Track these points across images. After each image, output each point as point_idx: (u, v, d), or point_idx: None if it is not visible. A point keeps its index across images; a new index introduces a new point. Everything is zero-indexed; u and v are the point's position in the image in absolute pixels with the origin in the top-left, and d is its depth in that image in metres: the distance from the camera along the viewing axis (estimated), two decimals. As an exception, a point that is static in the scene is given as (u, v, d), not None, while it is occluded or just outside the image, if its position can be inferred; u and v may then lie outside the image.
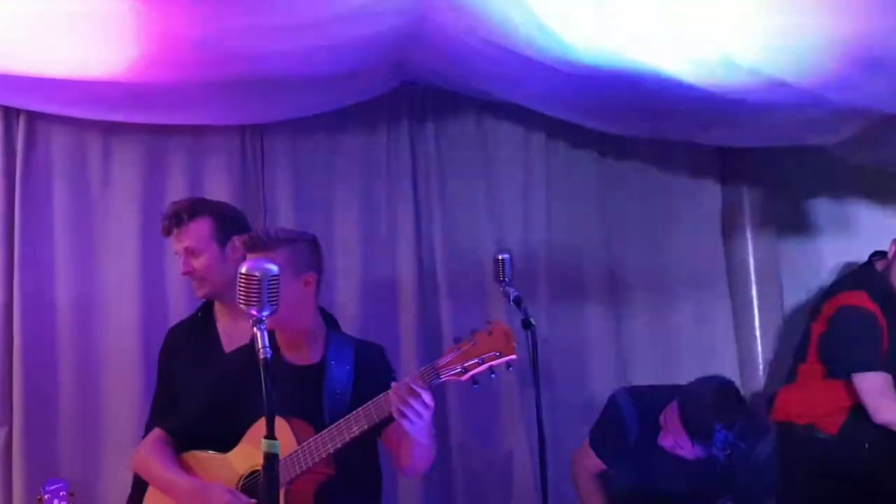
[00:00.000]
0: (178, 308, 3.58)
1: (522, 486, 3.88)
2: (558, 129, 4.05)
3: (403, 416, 2.31)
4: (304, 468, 2.47)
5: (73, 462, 3.53)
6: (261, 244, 2.57)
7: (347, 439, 2.45)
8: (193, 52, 2.81)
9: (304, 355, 2.68)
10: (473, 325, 3.82)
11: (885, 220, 4.02)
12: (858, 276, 3.36)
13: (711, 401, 2.84)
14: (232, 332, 2.97)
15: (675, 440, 2.88)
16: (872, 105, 3.21)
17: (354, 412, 2.45)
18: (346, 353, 2.65)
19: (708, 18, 2.69)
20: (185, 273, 2.97)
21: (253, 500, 2.48)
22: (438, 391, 3.76)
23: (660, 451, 2.99)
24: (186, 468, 2.65)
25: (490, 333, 2.32)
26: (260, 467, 2.34)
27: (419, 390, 2.30)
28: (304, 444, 2.48)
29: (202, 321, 3.07)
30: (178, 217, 2.96)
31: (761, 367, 4.24)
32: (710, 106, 3.32)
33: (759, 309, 4.30)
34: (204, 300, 3.08)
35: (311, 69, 3.12)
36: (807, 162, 4.09)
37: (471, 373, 2.32)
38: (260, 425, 2.40)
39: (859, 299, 3.22)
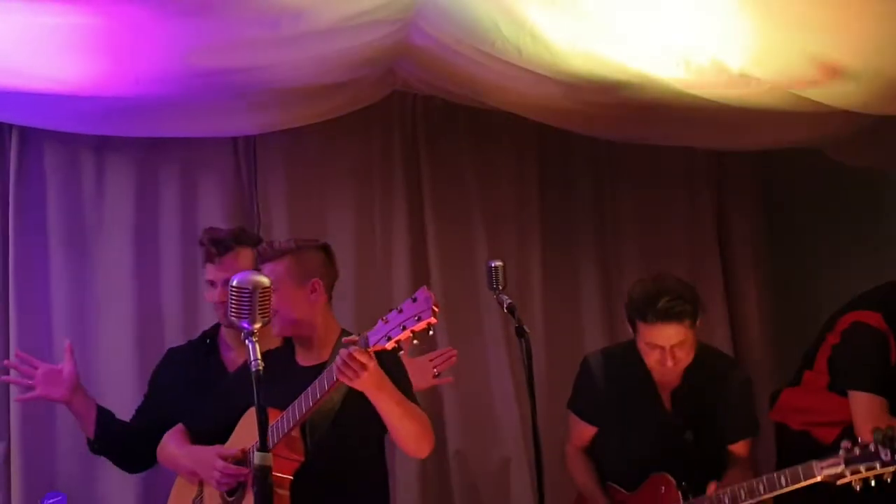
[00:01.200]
0: (174, 321, 3.60)
1: (520, 495, 3.87)
2: (551, 137, 4.05)
3: (342, 373, 2.39)
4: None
5: (71, 475, 3.52)
6: (268, 255, 2.69)
7: (305, 413, 2.50)
8: (181, 66, 2.82)
9: (313, 357, 2.73)
10: (467, 332, 3.88)
11: (879, 223, 4.02)
12: (881, 296, 3.35)
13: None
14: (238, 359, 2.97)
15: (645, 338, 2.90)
16: (861, 109, 3.22)
17: (310, 386, 2.50)
18: None
19: (697, 24, 2.70)
20: (219, 302, 2.95)
21: (237, 451, 2.64)
22: (436, 399, 3.81)
23: (633, 398, 3.02)
24: None
25: (414, 300, 2.32)
26: (243, 452, 2.63)
27: (353, 351, 2.37)
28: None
29: (208, 348, 3.11)
30: (225, 245, 2.97)
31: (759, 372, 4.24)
32: (702, 110, 3.33)
33: (757, 313, 4.32)
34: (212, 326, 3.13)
35: (301, 80, 3.13)
36: (800, 164, 4.09)
37: (394, 339, 2.33)
38: (247, 420, 2.58)
39: (874, 319, 3.22)
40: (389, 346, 2.34)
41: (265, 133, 3.77)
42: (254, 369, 2.03)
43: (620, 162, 4.24)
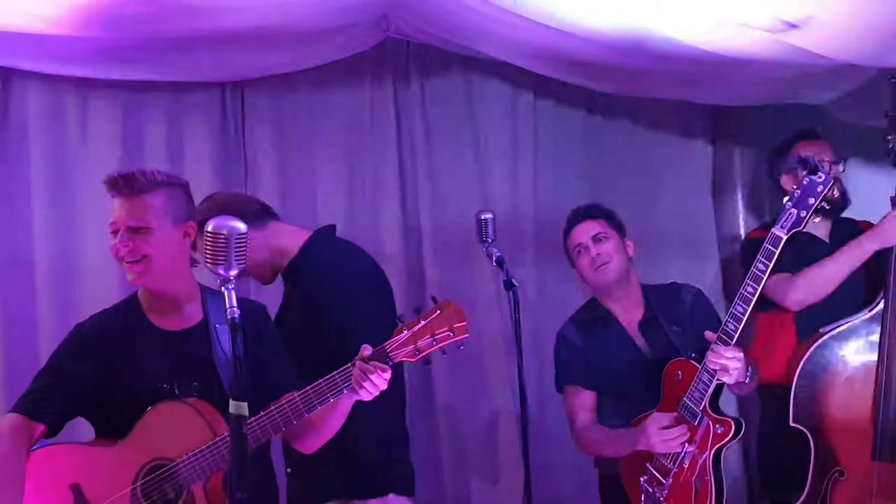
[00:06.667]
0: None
1: (509, 448, 3.85)
2: (546, 87, 3.98)
3: (363, 388, 2.27)
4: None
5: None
6: (136, 185, 2.30)
7: (294, 421, 2.29)
8: (161, 5, 2.73)
9: (178, 318, 2.39)
10: (457, 284, 3.84)
11: (876, 179, 3.95)
12: None
13: None
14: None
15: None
16: (866, 62, 3.15)
17: (306, 388, 2.29)
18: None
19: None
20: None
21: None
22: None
23: (613, 343, 3.04)
24: (57, 463, 2.31)
25: (441, 312, 2.27)
26: (162, 459, 2.25)
27: (384, 367, 2.26)
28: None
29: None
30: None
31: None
32: (703, 63, 3.26)
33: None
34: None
35: (289, 23, 3.04)
36: (799, 121, 4.01)
37: (424, 353, 2.29)
38: (159, 410, 2.27)
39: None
40: (417, 359, 2.29)
41: (253, 79, 3.69)
42: (230, 317, 1.97)
43: (616, 108, 4.17)
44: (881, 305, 3.01)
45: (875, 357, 3.00)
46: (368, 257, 3.05)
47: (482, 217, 2.96)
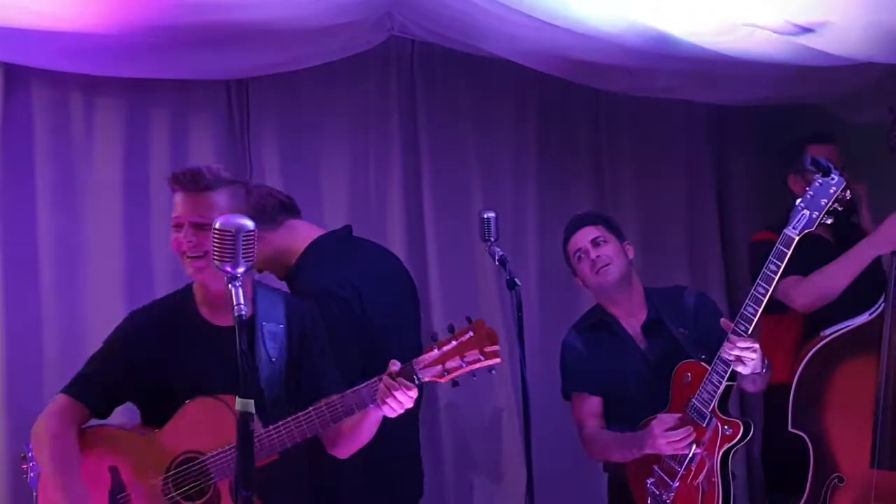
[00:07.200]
0: (163, 262, 3.53)
1: (512, 446, 3.87)
2: (551, 86, 3.98)
3: (387, 405, 2.27)
4: (261, 459, 2.25)
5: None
6: (202, 181, 2.34)
7: (320, 431, 2.32)
8: (165, 2, 2.74)
9: (229, 314, 2.31)
10: (460, 281, 3.84)
11: (881, 181, 3.96)
12: None
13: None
14: None
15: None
16: (875, 59, 3.16)
17: (333, 399, 2.31)
18: (277, 312, 2.46)
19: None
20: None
21: None
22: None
23: (613, 348, 3.03)
24: (100, 444, 2.41)
25: (473, 333, 2.25)
26: (192, 452, 2.35)
27: (410, 385, 2.25)
28: (264, 433, 2.30)
29: None
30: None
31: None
32: (709, 62, 3.27)
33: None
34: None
35: (291, 20, 3.05)
36: (803, 122, 4.02)
37: (452, 375, 2.27)
38: (194, 404, 2.34)
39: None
40: (445, 380, 2.26)
41: (258, 77, 3.70)
42: (237, 314, 1.97)
43: (619, 107, 4.19)
44: (882, 308, 2.98)
45: (875, 360, 2.95)
46: (376, 265, 3.04)
47: (485, 216, 2.95)
